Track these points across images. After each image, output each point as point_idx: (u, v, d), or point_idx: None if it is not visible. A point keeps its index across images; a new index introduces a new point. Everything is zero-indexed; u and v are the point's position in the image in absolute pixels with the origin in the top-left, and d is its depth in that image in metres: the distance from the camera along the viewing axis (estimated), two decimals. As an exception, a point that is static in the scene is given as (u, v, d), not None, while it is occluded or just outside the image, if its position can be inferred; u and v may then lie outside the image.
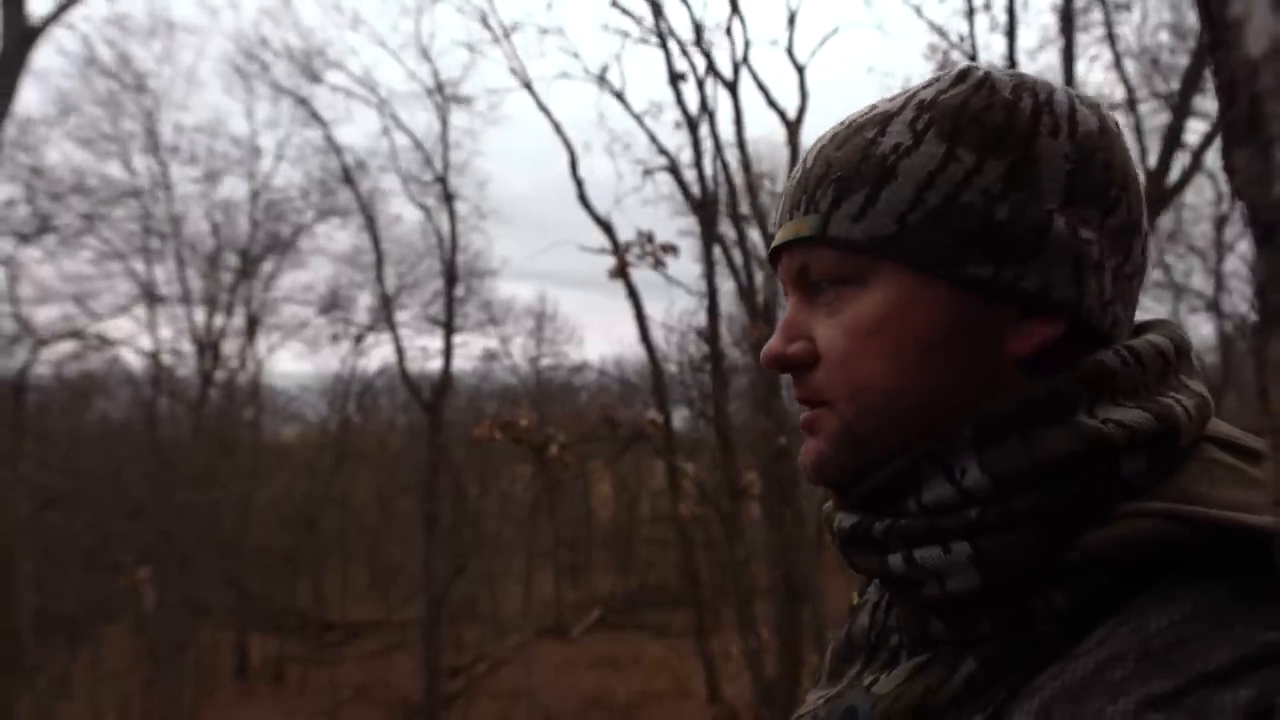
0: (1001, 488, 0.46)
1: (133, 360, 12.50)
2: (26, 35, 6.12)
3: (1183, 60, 6.66)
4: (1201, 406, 0.49)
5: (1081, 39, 6.96)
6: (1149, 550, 0.43)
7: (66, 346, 11.18)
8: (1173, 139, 5.73)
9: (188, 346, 12.88)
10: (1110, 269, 0.50)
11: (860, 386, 0.50)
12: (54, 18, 6.56)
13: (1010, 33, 6.19)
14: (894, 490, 0.50)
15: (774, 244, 0.55)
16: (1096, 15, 6.99)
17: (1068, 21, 6.00)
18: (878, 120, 0.52)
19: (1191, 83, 5.60)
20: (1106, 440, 0.45)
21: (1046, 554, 0.45)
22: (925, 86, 0.53)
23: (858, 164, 0.50)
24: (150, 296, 12.15)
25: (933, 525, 0.47)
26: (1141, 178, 0.54)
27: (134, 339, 14.72)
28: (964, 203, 0.48)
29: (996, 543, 0.45)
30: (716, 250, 8.71)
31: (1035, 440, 0.46)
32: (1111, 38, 6.96)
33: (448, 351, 12.87)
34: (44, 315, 10.97)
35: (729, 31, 8.38)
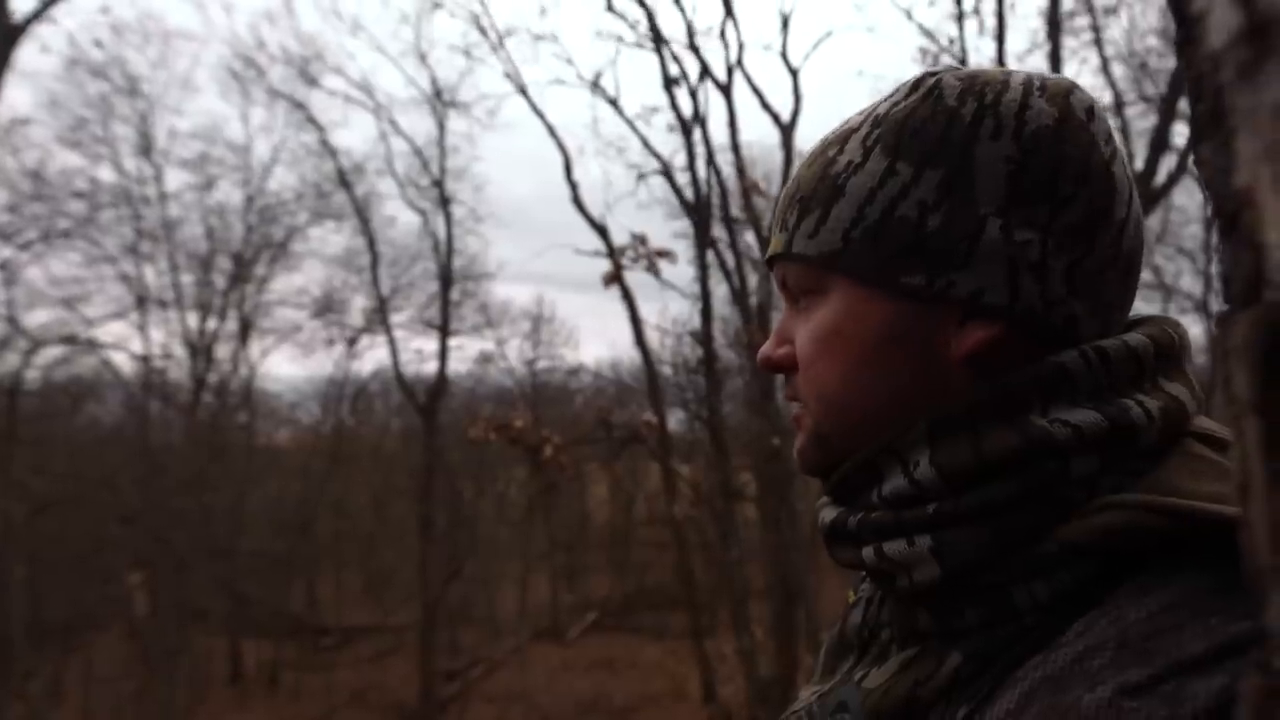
0: (950, 482, 0.48)
1: (124, 364, 12.45)
2: (9, 34, 6.09)
3: (1170, 64, 6.71)
4: (1169, 409, 0.48)
5: (1070, 43, 7.00)
6: (1125, 540, 0.44)
7: (56, 350, 11.13)
8: (1159, 141, 5.77)
9: (180, 350, 12.85)
10: (1061, 266, 0.49)
11: (821, 388, 0.54)
12: (36, 16, 6.52)
13: (999, 37, 6.24)
14: (860, 482, 0.53)
15: (765, 256, 0.59)
16: (1085, 20, 7.04)
17: (1054, 27, 6.05)
18: (840, 138, 0.55)
19: (1177, 85, 5.64)
20: (1050, 440, 0.46)
21: (1005, 547, 0.46)
22: (886, 99, 0.55)
23: (816, 183, 0.54)
24: (142, 301, 12.12)
25: (898, 519, 0.50)
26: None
27: (126, 342, 14.65)
28: (899, 216, 0.50)
29: (953, 536, 0.47)
30: (710, 254, 8.74)
31: (983, 438, 0.47)
32: (1099, 42, 7.02)
33: (443, 354, 12.87)
34: (34, 319, 10.87)
35: (723, 35, 8.41)
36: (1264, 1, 0.23)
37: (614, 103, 8.54)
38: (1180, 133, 6.19)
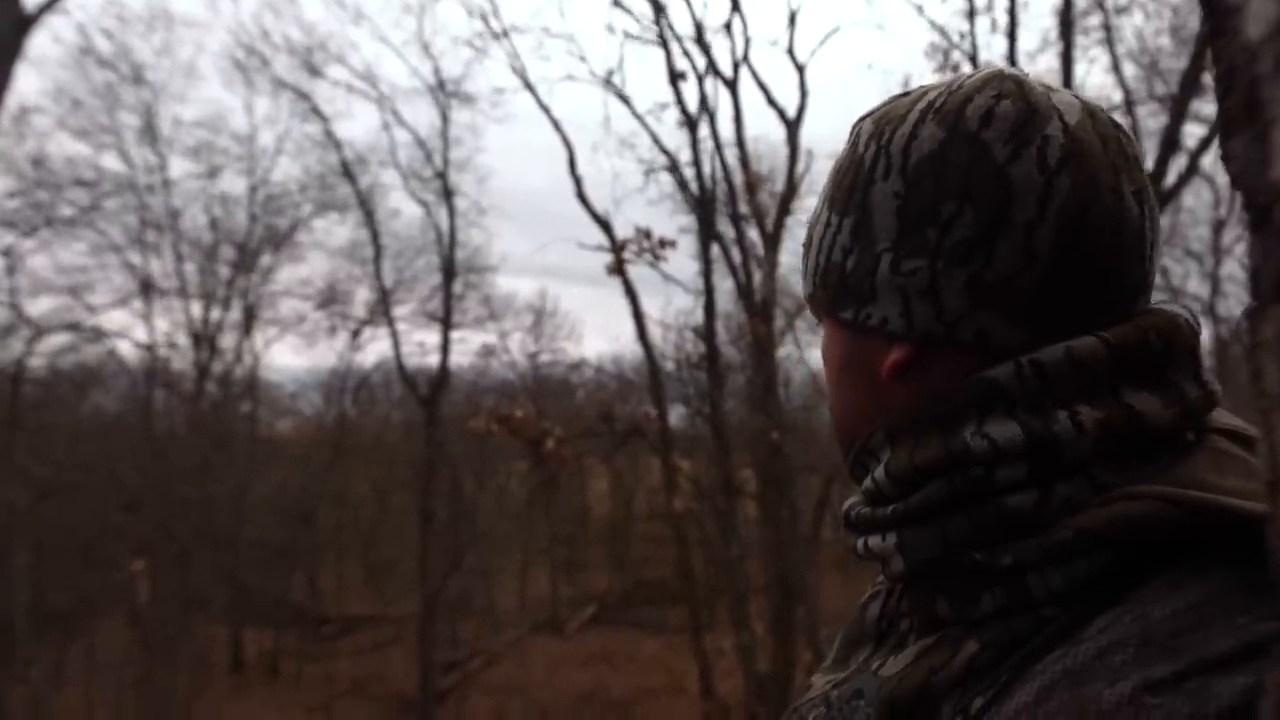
0: (895, 484, 0.53)
1: (128, 353, 12.47)
2: (21, 23, 6.08)
3: (1182, 64, 6.67)
4: (1112, 421, 0.47)
5: (1082, 41, 6.97)
6: (1141, 532, 0.44)
7: (61, 338, 11.17)
8: (1170, 142, 5.74)
9: (184, 339, 12.86)
10: (959, 285, 0.51)
11: (829, 404, 0.65)
12: (49, 5, 6.51)
13: (1011, 34, 6.21)
14: (857, 479, 0.60)
15: None
16: (1097, 19, 7.01)
17: (1066, 26, 6.02)
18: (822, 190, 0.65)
19: (1190, 86, 5.60)
20: (967, 451, 0.49)
21: (954, 544, 0.49)
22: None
23: (808, 235, 0.64)
24: (147, 289, 12.13)
25: (874, 515, 0.55)
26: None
27: (130, 331, 14.67)
28: (832, 262, 0.58)
29: (909, 534, 0.52)
30: (714, 248, 8.73)
31: (919, 447, 0.52)
32: (1110, 41, 6.98)
33: (445, 347, 12.88)
34: (39, 307, 10.91)
35: (729, 30, 8.36)
36: (1304, -8, 0.23)
37: (624, 98, 8.53)
38: (1191, 134, 6.16)
